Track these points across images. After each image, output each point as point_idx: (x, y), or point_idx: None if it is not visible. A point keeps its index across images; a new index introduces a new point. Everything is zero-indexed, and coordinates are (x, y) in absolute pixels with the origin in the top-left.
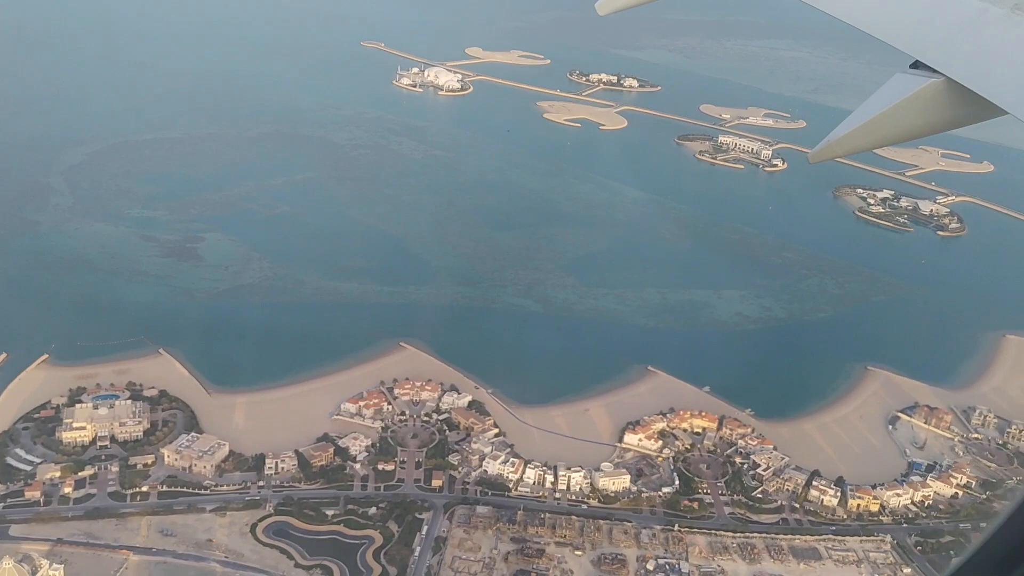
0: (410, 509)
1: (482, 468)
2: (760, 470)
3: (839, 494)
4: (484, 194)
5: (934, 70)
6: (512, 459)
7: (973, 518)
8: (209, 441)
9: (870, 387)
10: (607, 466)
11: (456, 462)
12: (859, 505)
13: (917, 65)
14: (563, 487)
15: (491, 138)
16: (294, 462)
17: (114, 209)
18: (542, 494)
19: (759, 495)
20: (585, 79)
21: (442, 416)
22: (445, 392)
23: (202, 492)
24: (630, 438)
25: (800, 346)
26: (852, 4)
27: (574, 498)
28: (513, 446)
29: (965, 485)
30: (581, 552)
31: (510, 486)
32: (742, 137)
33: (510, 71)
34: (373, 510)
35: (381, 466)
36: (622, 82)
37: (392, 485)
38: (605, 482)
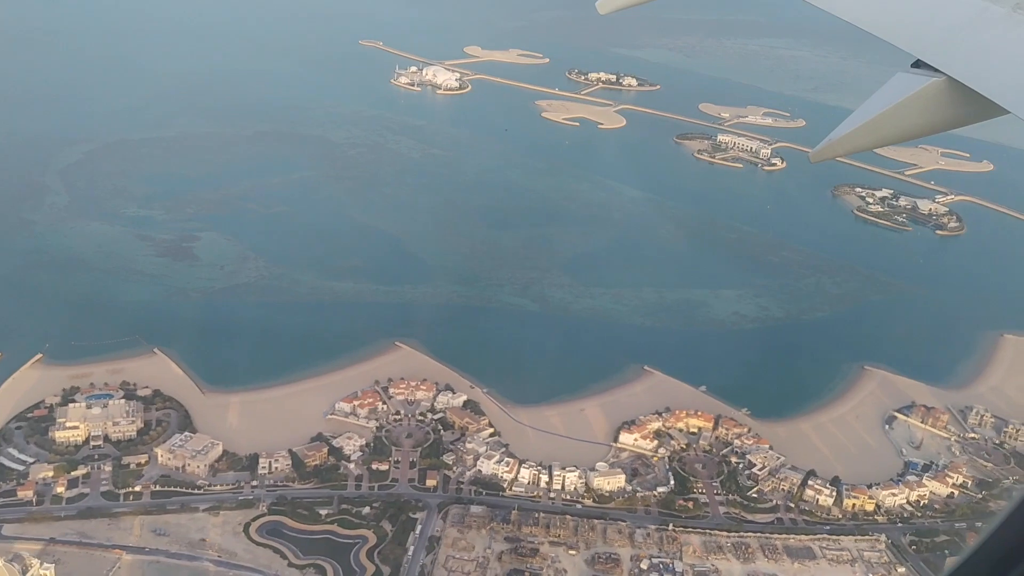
0: (404, 509)
1: (476, 468)
2: (756, 470)
3: (834, 493)
4: (481, 193)
5: (935, 69)
6: (507, 459)
7: (969, 518)
8: (203, 441)
9: (867, 387)
10: (602, 466)
11: (450, 462)
12: (854, 504)
13: (918, 64)
14: (558, 487)
15: (489, 137)
16: (288, 462)
17: (110, 208)
18: (537, 494)
19: (754, 495)
20: (584, 78)
21: (437, 416)
22: (440, 392)
23: (195, 492)
24: (625, 438)
25: (797, 345)
26: (853, 3)
27: (569, 498)
28: (508, 446)
29: (961, 485)
30: (575, 552)
31: (504, 486)
32: (741, 136)
33: (509, 70)
34: (367, 510)
35: (375, 466)
36: (621, 81)
37: (386, 485)
38: (600, 482)
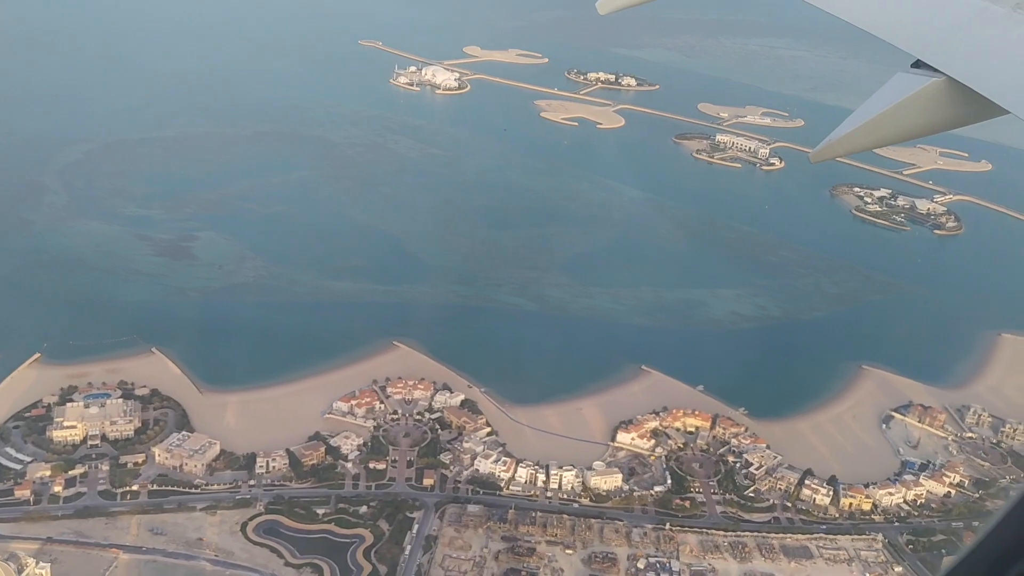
0: (401, 508)
1: (474, 467)
2: (753, 469)
3: (831, 493)
4: (480, 193)
5: (935, 69)
6: (504, 458)
7: (965, 517)
8: (200, 440)
9: (864, 386)
10: (599, 465)
11: (448, 461)
12: (851, 504)
13: (918, 64)
14: (555, 486)
15: (488, 137)
16: (285, 461)
17: (109, 208)
18: (534, 493)
19: (751, 494)
20: (583, 78)
21: (434, 415)
22: (437, 391)
23: (193, 491)
24: (623, 437)
25: (795, 345)
26: (853, 3)
27: (566, 497)
28: (505, 445)
29: (958, 484)
30: (572, 551)
31: (501, 485)
32: (740, 136)
33: (508, 70)
34: (364, 509)
35: (372, 465)
36: (620, 81)
37: (383, 484)
38: (597, 481)
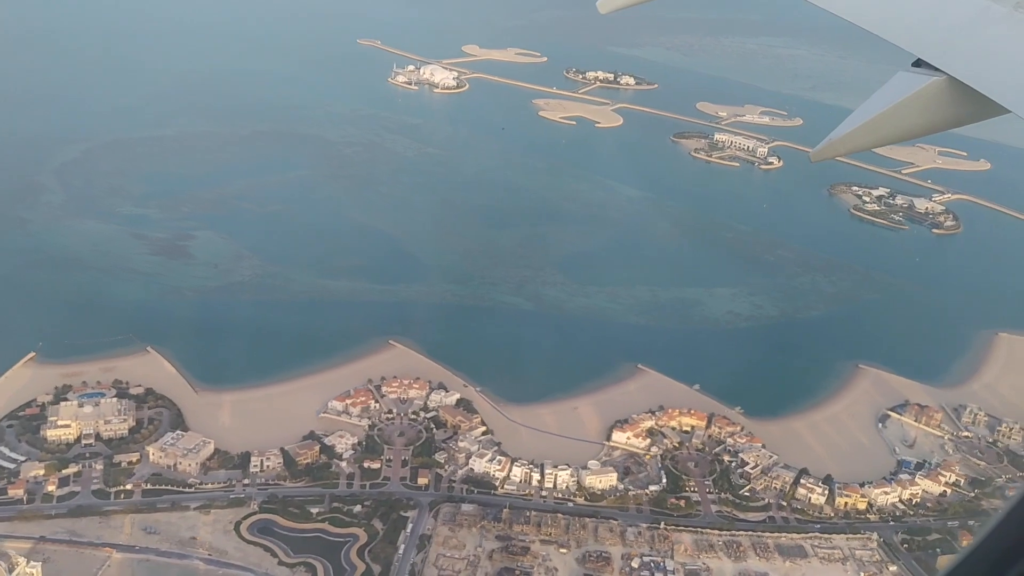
0: (395, 507)
1: (468, 466)
2: (748, 468)
3: (827, 492)
4: (477, 192)
5: (936, 68)
6: (499, 457)
7: (961, 516)
8: (194, 439)
9: (861, 385)
10: (594, 464)
11: (442, 460)
12: (846, 503)
13: (919, 63)
14: (549, 485)
15: (486, 136)
16: (279, 460)
17: (105, 207)
18: (528, 492)
19: (746, 493)
20: (582, 77)
21: (429, 414)
22: (433, 390)
23: (186, 490)
24: (618, 436)
25: (791, 344)
26: (854, 2)
27: (560, 496)
28: (500, 444)
29: (954, 483)
30: (566, 550)
31: (496, 484)
32: (738, 135)
33: (507, 69)
34: (358, 508)
35: (367, 464)
36: (619, 80)
37: (378, 483)
38: (592, 480)
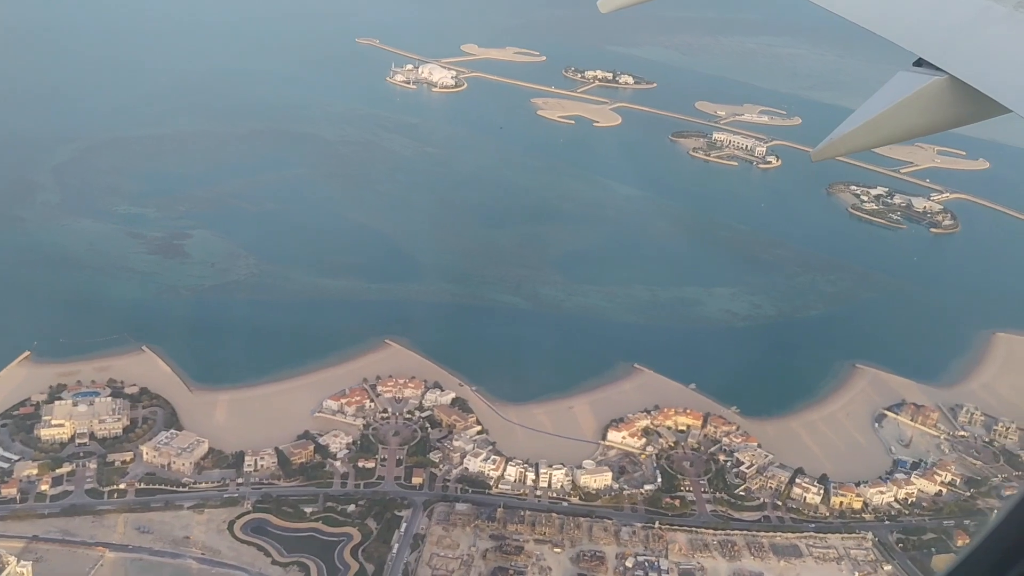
0: (389, 506)
1: (463, 465)
2: (743, 468)
3: (822, 491)
4: (475, 191)
5: (937, 68)
6: (494, 456)
7: (956, 515)
8: (189, 438)
9: (857, 385)
10: (589, 463)
11: (437, 459)
12: (842, 503)
13: (920, 63)
14: (544, 484)
15: (484, 135)
16: (274, 459)
17: (102, 206)
18: (523, 491)
19: (742, 493)
20: (580, 76)
21: (424, 413)
22: (428, 389)
23: (180, 489)
24: (613, 435)
25: (789, 344)
26: (855, 1)
27: (555, 495)
28: (495, 443)
29: (949, 483)
30: (560, 549)
31: (491, 483)
32: (736, 134)
33: (505, 68)
34: (352, 507)
35: (361, 463)
36: (617, 79)
37: (372, 482)
38: (586, 479)
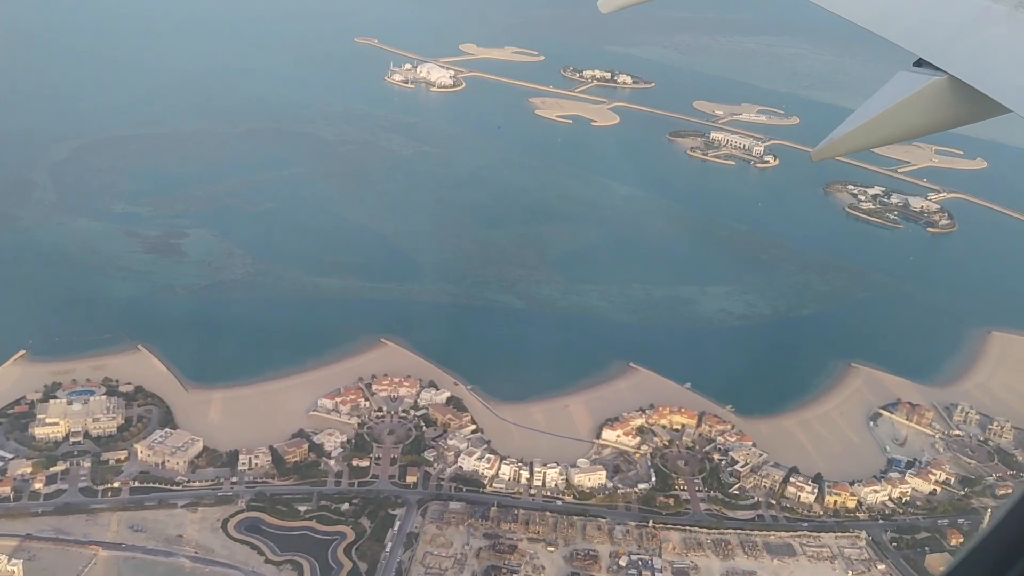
0: (383, 505)
1: (457, 464)
2: (738, 467)
3: (816, 490)
4: (472, 190)
5: (937, 68)
6: (488, 455)
7: (950, 515)
8: (183, 437)
9: (853, 384)
10: (583, 462)
11: (432, 458)
12: (836, 501)
13: (920, 63)
14: (538, 483)
15: (481, 134)
16: (268, 458)
17: (98, 205)
18: (517, 490)
19: (736, 492)
20: (579, 75)
21: (419, 412)
22: (423, 388)
23: (174, 488)
24: (608, 434)
25: (784, 343)
26: (855, 2)
27: (549, 494)
28: (490, 442)
29: (943, 481)
30: (554, 548)
31: (485, 482)
32: (734, 133)
33: (503, 67)
34: (346, 506)
35: (356, 462)
36: (616, 78)
37: (366, 481)
38: (581, 478)
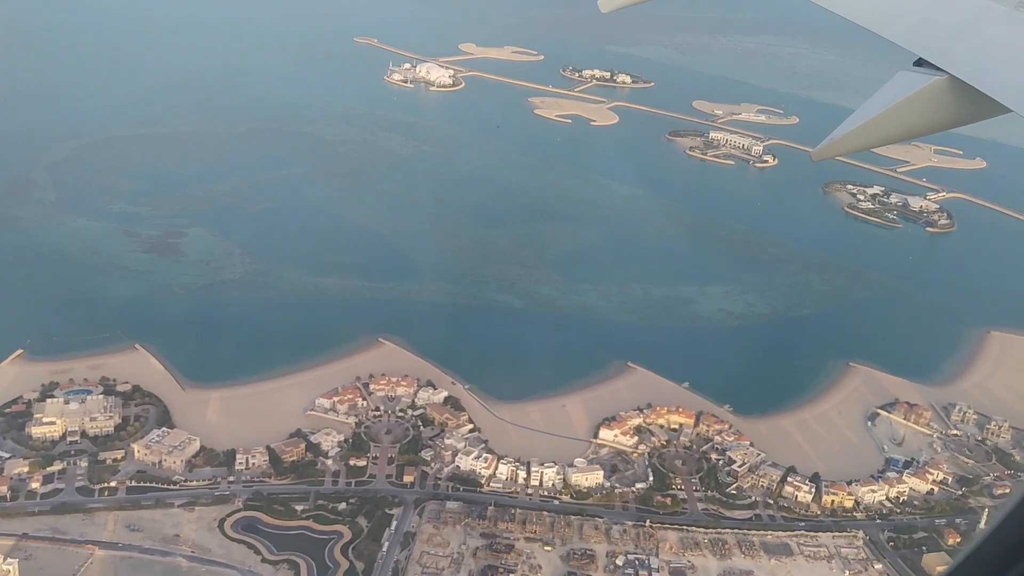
0: (380, 505)
1: (455, 464)
2: (735, 466)
3: (813, 490)
4: (471, 190)
5: (938, 68)
6: (485, 455)
7: (948, 514)
8: (180, 436)
9: (851, 383)
10: (581, 462)
11: (429, 458)
12: (833, 501)
13: (920, 63)
14: (535, 483)
15: (481, 134)
16: (265, 457)
17: (97, 204)
18: (514, 490)
19: (733, 491)
20: (578, 75)
21: (417, 412)
22: (421, 388)
23: (171, 487)
24: (605, 434)
25: (782, 342)
26: (855, 2)
27: (546, 494)
28: (487, 442)
29: (941, 481)
30: (550, 547)
31: (482, 482)
32: (733, 133)
33: (503, 67)
34: (343, 505)
35: (353, 462)
36: (615, 78)
37: (363, 481)
38: (578, 478)
